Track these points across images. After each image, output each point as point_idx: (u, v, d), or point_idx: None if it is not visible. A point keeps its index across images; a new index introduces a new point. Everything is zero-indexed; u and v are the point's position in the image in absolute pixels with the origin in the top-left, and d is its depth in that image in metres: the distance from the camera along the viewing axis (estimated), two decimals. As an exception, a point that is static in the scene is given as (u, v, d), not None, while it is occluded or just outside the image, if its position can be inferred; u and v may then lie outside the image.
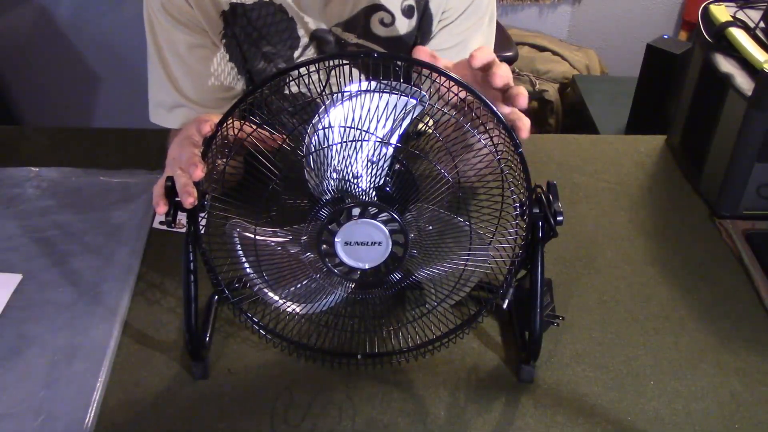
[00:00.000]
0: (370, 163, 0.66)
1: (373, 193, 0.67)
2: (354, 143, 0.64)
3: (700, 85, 1.05)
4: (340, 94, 0.63)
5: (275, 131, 0.67)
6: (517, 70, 2.18)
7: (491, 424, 0.73)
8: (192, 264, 0.72)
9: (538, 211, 0.68)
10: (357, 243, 0.66)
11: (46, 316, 0.83)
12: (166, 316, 0.84)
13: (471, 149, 0.65)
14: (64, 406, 0.73)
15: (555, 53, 2.22)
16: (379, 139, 0.65)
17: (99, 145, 1.13)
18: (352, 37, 0.94)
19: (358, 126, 0.64)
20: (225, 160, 0.69)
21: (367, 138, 0.64)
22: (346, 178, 0.66)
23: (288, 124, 0.68)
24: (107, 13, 2.17)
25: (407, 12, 0.94)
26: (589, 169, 1.09)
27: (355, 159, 0.65)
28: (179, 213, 0.69)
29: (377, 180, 0.67)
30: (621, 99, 1.97)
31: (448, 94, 0.62)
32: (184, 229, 0.70)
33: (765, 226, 0.98)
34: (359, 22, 0.93)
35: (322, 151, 0.65)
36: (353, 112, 0.63)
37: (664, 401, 0.76)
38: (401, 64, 0.62)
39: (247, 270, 0.73)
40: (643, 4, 2.28)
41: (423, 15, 0.95)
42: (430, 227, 0.70)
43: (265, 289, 0.73)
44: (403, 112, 0.64)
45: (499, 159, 0.64)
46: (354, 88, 0.63)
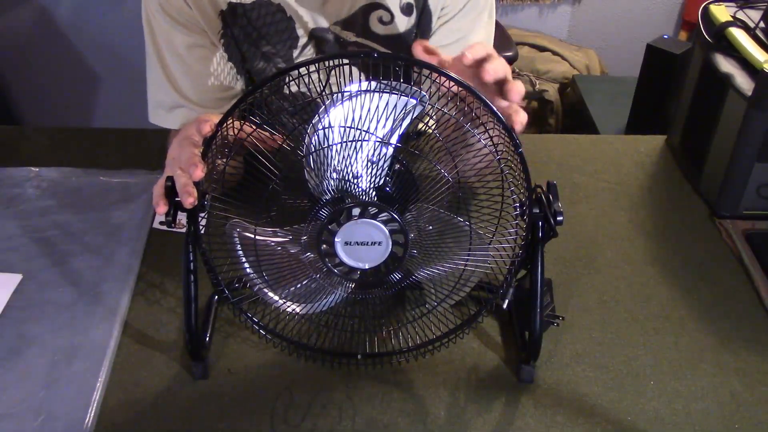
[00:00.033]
0: (370, 163, 0.66)
1: (373, 193, 0.67)
2: (354, 143, 0.64)
3: (700, 85, 1.05)
4: (340, 94, 0.63)
5: (275, 131, 0.67)
6: (517, 70, 2.18)
7: (491, 424, 0.73)
8: (192, 264, 0.72)
9: (538, 211, 0.68)
10: (357, 243, 0.66)
11: (46, 316, 0.83)
12: (166, 316, 0.84)
13: (471, 149, 0.65)
14: (64, 406, 0.73)
15: (555, 53, 2.22)
16: (379, 139, 0.65)
17: (99, 145, 1.13)
18: (351, 36, 0.94)
19: (358, 126, 0.64)
20: (225, 160, 0.69)
21: (367, 138, 0.64)
22: (346, 178, 0.66)
23: (288, 124, 0.68)
24: (107, 13, 2.17)
25: (406, 10, 0.94)
26: (589, 169, 1.09)
27: (355, 159, 0.65)
28: (179, 213, 0.69)
29: (377, 180, 0.67)
30: (621, 99, 1.97)
31: (448, 93, 0.62)
32: (184, 229, 0.70)
33: (765, 226, 0.98)
34: (358, 21, 0.93)
35: (322, 151, 0.65)
36: (353, 112, 0.63)
37: (664, 401, 0.76)
38: (401, 64, 0.62)
39: (247, 270, 0.73)
40: (643, 4, 2.28)
41: (422, 12, 0.95)
42: (430, 227, 0.70)
43: (265, 289, 0.73)
44: (403, 112, 0.64)
45: (499, 159, 0.64)
46: (354, 88, 0.63)
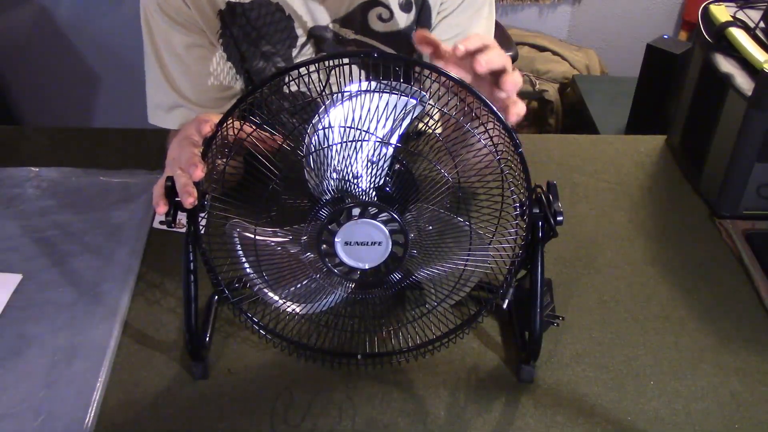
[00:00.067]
0: (370, 163, 0.66)
1: (373, 193, 0.67)
2: (354, 143, 0.64)
3: (700, 85, 1.05)
4: (340, 94, 0.63)
5: (275, 131, 0.67)
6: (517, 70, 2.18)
7: (491, 424, 0.73)
8: (192, 264, 0.72)
9: (538, 211, 0.68)
10: (357, 243, 0.66)
11: (46, 316, 0.83)
12: (166, 316, 0.84)
13: (471, 149, 0.65)
14: (64, 406, 0.73)
15: (555, 53, 2.22)
16: (379, 139, 0.65)
17: (99, 145, 1.13)
18: (350, 33, 0.94)
19: (358, 126, 0.64)
20: (225, 160, 0.69)
21: (367, 138, 0.64)
22: (346, 178, 0.66)
23: (288, 124, 0.68)
24: (107, 13, 2.17)
25: (405, 6, 0.94)
26: (589, 169, 1.09)
27: (355, 159, 0.65)
28: (179, 213, 0.69)
29: (377, 180, 0.67)
30: (621, 99, 1.97)
31: (448, 93, 0.62)
32: (184, 229, 0.70)
33: (765, 226, 0.98)
34: (357, 18, 0.93)
35: (322, 151, 0.65)
36: (353, 112, 0.63)
37: (664, 401, 0.76)
38: (401, 64, 0.62)
39: (247, 270, 0.73)
40: (643, 4, 2.28)
41: (421, 9, 0.95)
42: (430, 227, 0.70)
43: (265, 289, 0.73)
44: (403, 112, 0.64)
45: (499, 159, 0.64)
46: (354, 88, 0.63)
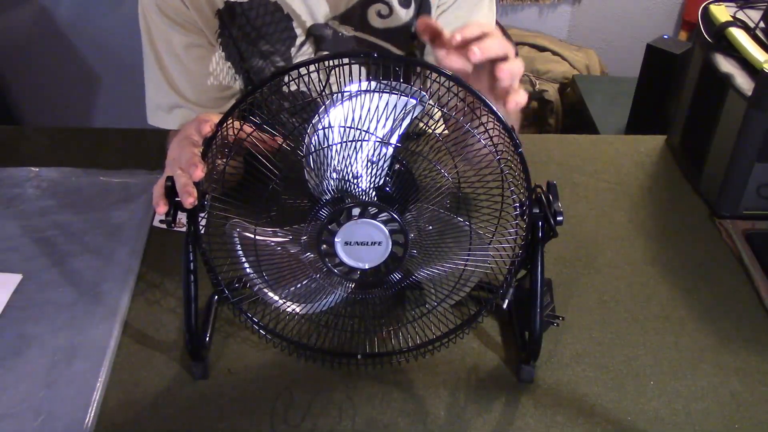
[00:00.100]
0: (370, 163, 0.66)
1: (373, 193, 0.67)
2: (354, 143, 0.64)
3: (700, 85, 1.05)
4: (339, 94, 0.63)
5: (275, 131, 0.67)
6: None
7: (491, 424, 0.73)
8: (192, 264, 0.72)
9: (538, 211, 0.68)
10: (357, 243, 0.66)
11: (46, 316, 0.83)
12: (166, 316, 0.84)
13: (471, 149, 0.65)
14: (64, 406, 0.73)
15: (555, 53, 2.22)
16: (379, 139, 0.65)
17: (99, 145, 1.13)
18: (350, 30, 0.94)
19: (358, 126, 0.64)
20: (225, 160, 0.69)
21: (367, 138, 0.64)
22: (346, 178, 0.66)
23: (288, 124, 0.68)
24: (107, 13, 2.17)
25: (404, 2, 0.94)
26: (589, 169, 1.09)
27: (355, 159, 0.65)
28: (179, 213, 0.69)
29: (377, 180, 0.67)
30: (621, 99, 1.96)
31: (448, 93, 0.62)
32: (184, 229, 0.70)
33: (765, 226, 0.98)
34: (356, 15, 0.93)
35: (322, 151, 0.65)
36: (353, 112, 0.63)
37: (664, 401, 0.76)
38: (401, 64, 0.62)
39: (247, 270, 0.72)
40: (643, 4, 2.28)
41: (421, 4, 0.95)
42: (430, 227, 0.70)
43: (265, 289, 0.73)
44: (403, 112, 0.64)
45: (499, 159, 0.64)
46: (354, 88, 0.63)
